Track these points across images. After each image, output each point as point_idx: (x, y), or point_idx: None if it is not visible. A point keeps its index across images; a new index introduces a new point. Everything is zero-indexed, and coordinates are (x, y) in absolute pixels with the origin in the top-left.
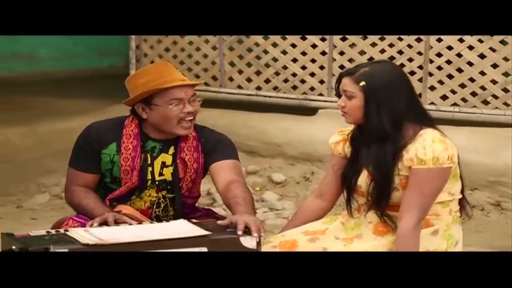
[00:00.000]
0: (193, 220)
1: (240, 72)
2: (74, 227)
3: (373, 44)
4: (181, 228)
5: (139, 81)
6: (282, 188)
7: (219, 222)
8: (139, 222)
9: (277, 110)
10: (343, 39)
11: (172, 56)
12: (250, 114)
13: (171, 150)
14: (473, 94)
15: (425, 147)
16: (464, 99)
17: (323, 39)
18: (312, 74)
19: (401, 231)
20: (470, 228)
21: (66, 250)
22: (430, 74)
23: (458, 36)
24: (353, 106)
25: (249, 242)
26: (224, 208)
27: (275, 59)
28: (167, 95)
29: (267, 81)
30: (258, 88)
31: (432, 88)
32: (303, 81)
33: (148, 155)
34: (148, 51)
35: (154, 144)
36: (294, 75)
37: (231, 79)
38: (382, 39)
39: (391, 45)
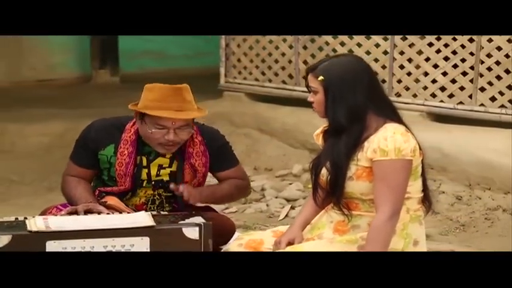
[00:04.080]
0: (163, 212)
1: None
2: (56, 214)
3: (430, 44)
4: (135, 218)
5: (146, 95)
6: None
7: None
8: (112, 212)
9: None
10: (403, 39)
11: (255, 54)
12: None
13: (169, 154)
14: None
15: (387, 139)
16: (511, 101)
17: (385, 39)
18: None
19: (375, 223)
20: (495, 232)
21: (10, 236)
22: (481, 75)
23: (507, 37)
24: (318, 101)
25: (191, 233)
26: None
27: None
28: (155, 119)
29: None
30: None
31: (482, 89)
32: None
33: (144, 158)
34: (235, 49)
35: (151, 149)
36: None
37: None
38: (438, 39)
39: (446, 45)
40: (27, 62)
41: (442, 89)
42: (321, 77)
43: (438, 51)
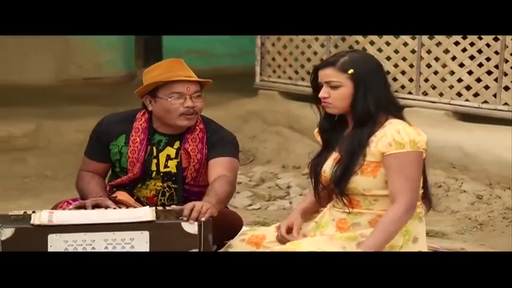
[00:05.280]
0: (168, 208)
1: None
2: (65, 209)
3: (456, 43)
4: (137, 213)
5: (150, 75)
6: None
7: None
8: (120, 207)
9: None
10: (431, 38)
11: (288, 53)
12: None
13: (176, 144)
14: None
15: (400, 132)
16: None
17: (413, 38)
18: (403, 72)
19: (392, 214)
20: (510, 231)
21: (13, 229)
22: (505, 74)
23: None
24: (340, 95)
25: (189, 227)
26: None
27: None
28: (169, 88)
29: None
30: None
31: (506, 88)
32: (395, 79)
33: (154, 148)
34: (270, 48)
35: (161, 138)
36: (387, 73)
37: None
38: (464, 38)
39: (471, 44)
40: (75, 60)
41: (468, 88)
42: (351, 70)
43: (464, 50)
